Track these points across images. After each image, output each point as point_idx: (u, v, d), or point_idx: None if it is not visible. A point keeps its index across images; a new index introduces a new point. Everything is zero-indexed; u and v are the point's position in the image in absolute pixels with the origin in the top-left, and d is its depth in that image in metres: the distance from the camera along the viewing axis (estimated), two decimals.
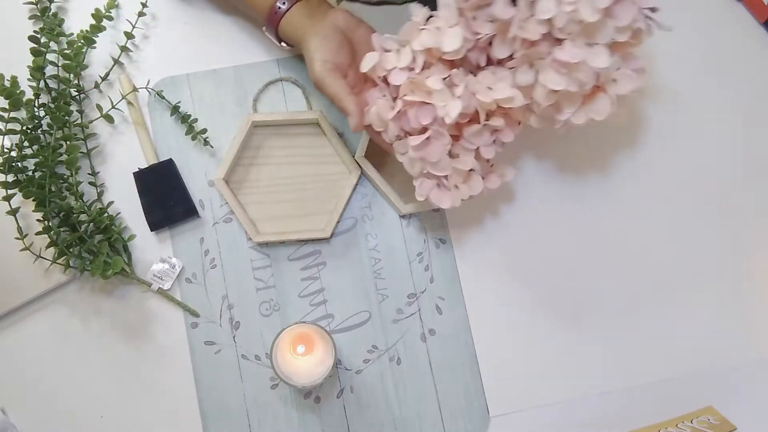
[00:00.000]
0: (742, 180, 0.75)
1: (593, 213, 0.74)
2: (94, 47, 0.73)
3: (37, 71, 0.69)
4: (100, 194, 0.71)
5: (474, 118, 0.60)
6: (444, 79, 0.58)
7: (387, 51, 0.61)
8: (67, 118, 0.68)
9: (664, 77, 0.77)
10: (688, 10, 0.78)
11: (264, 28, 0.67)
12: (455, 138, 0.61)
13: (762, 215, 0.75)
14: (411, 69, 0.60)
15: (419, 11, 0.60)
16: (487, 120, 0.60)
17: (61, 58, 0.71)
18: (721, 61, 0.78)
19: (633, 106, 0.76)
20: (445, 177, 0.62)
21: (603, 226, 0.74)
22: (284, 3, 0.64)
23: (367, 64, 0.61)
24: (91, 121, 0.72)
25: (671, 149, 0.76)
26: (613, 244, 0.73)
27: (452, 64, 0.60)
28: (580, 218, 0.74)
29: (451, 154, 0.61)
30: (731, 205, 0.75)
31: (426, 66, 0.60)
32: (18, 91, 0.67)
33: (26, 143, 0.67)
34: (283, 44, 0.68)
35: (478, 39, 0.58)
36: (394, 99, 0.61)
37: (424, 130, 0.59)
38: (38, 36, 0.69)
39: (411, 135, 0.60)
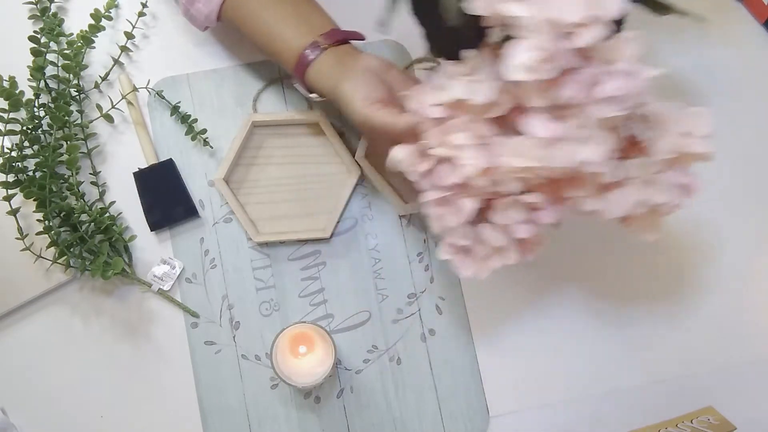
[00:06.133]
0: (742, 181, 0.75)
1: None
2: (93, 47, 0.73)
3: (37, 71, 0.69)
4: (102, 194, 0.71)
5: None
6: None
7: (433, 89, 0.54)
8: (67, 118, 0.68)
9: (663, 78, 0.77)
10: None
11: (295, 82, 0.65)
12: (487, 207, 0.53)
13: (762, 216, 0.75)
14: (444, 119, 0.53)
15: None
16: (523, 193, 0.52)
17: (60, 58, 0.71)
18: (721, 61, 0.78)
19: None
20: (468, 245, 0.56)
21: (603, 225, 0.74)
22: (312, 51, 0.61)
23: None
24: (91, 121, 0.72)
25: None
26: (613, 244, 0.73)
27: (496, 122, 0.52)
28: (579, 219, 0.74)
29: (481, 222, 0.54)
30: (731, 205, 0.75)
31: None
32: (17, 92, 0.67)
33: (26, 143, 0.67)
34: (313, 95, 0.64)
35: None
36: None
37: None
38: (38, 36, 0.69)
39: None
